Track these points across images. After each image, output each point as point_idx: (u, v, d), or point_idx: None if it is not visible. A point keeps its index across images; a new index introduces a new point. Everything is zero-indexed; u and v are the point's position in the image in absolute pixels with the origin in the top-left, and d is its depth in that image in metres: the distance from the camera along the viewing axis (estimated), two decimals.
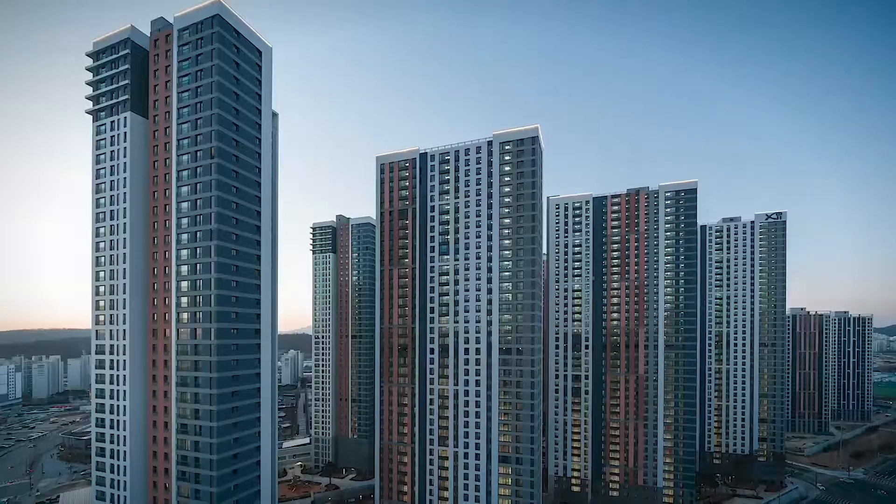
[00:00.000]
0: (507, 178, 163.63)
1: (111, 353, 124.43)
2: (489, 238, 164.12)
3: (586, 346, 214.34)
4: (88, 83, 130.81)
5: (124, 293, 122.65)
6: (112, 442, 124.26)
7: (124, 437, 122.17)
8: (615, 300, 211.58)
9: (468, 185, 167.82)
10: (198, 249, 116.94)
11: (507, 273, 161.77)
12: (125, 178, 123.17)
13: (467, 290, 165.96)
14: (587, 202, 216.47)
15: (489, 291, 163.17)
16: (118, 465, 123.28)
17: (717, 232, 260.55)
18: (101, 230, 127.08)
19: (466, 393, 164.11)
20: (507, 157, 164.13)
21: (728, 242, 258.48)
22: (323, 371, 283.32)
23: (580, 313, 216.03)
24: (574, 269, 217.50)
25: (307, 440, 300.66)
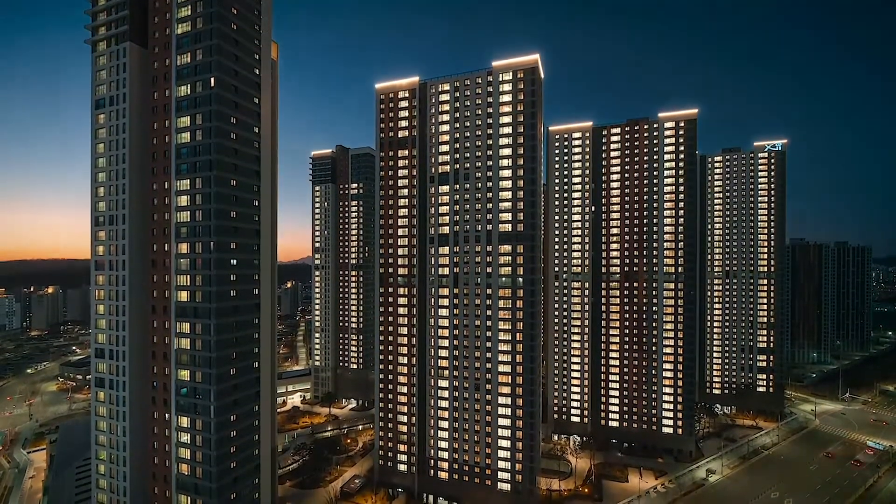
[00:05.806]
0: (506, 109, 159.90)
1: (110, 283, 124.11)
2: (489, 168, 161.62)
3: (587, 278, 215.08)
4: (87, 13, 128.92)
5: (123, 224, 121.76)
6: (111, 372, 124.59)
7: (123, 367, 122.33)
8: (615, 231, 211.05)
9: (468, 115, 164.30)
10: (197, 180, 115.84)
11: (506, 203, 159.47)
12: (124, 108, 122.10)
13: (467, 221, 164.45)
14: (587, 133, 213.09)
15: (489, 222, 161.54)
16: (117, 396, 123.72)
17: (717, 162, 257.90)
18: (101, 161, 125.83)
19: (466, 325, 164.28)
20: (506, 88, 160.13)
21: (728, 173, 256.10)
22: (323, 302, 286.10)
23: (580, 245, 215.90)
24: (574, 200, 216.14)
25: (307, 370, 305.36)
